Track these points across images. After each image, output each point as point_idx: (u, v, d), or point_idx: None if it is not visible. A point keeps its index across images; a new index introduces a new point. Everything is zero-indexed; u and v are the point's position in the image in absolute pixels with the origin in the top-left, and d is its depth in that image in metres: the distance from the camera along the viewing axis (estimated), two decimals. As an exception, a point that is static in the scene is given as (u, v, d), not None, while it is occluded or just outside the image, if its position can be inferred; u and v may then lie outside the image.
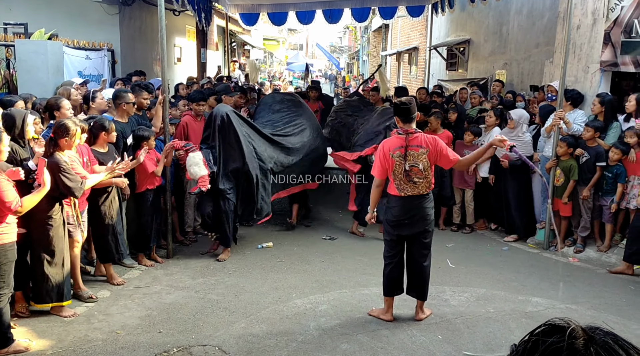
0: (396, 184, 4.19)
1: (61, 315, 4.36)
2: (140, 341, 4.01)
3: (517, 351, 0.94)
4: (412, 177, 4.13)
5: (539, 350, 0.90)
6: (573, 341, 0.87)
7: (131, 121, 5.55)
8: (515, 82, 9.44)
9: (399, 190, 4.19)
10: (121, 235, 5.11)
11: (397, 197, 4.22)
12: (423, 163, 4.11)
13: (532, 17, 9.01)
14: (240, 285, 5.15)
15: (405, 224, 4.23)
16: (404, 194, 4.18)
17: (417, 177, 4.13)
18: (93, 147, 4.94)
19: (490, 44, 10.86)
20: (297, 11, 11.11)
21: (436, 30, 13.72)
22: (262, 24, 12.61)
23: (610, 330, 0.90)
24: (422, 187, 4.18)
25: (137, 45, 10.53)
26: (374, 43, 26.31)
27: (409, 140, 4.12)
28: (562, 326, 0.91)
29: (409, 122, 4.16)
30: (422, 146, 4.13)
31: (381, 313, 4.42)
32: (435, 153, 4.13)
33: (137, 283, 5.15)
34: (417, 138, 4.15)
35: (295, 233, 6.91)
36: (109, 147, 5.07)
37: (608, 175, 5.96)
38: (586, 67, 6.72)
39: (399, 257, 4.36)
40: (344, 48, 44.04)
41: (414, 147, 4.12)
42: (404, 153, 4.11)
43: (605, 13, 6.44)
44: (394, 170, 4.16)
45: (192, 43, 14.85)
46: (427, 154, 4.11)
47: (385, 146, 4.23)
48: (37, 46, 6.82)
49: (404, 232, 4.26)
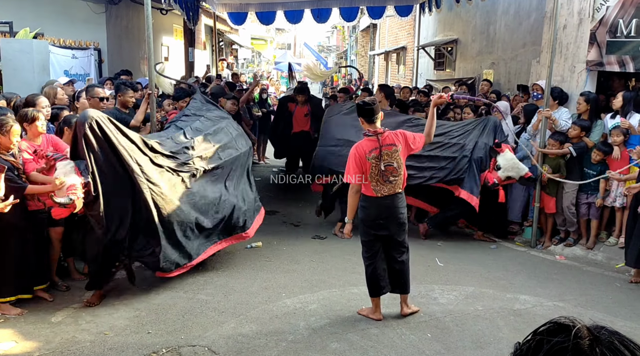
0: (373, 185, 4.21)
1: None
2: (129, 342, 3.98)
3: (522, 350, 0.93)
4: (387, 176, 4.18)
5: (544, 350, 0.88)
6: (578, 341, 0.86)
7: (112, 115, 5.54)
8: (503, 82, 9.51)
9: (375, 191, 4.21)
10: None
11: (373, 197, 4.25)
12: (397, 160, 4.20)
13: (519, 17, 9.09)
14: (229, 284, 5.13)
15: (381, 224, 4.27)
16: (380, 195, 4.22)
17: (393, 175, 4.20)
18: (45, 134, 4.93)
19: (477, 43, 10.93)
20: (285, 10, 11.10)
21: (424, 30, 13.77)
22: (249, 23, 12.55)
23: (615, 330, 0.89)
24: (398, 185, 4.24)
25: (124, 44, 10.45)
26: (362, 42, 26.35)
27: (381, 140, 4.17)
28: (567, 326, 0.90)
29: (373, 122, 4.20)
30: (394, 144, 4.21)
31: (370, 313, 4.43)
32: (405, 146, 4.23)
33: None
34: (388, 137, 4.22)
35: (284, 233, 6.90)
36: None
37: (590, 173, 6.04)
38: (572, 66, 6.79)
39: (379, 257, 4.37)
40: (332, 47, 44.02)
41: (387, 146, 4.19)
42: (379, 154, 4.15)
43: (590, 13, 6.51)
44: (371, 173, 4.18)
45: (180, 42, 14.77)
46: (399, 152, 4.20)
47: (359, 150, 4.22)
48: (23, 45, 6.75)
49: (380, 232, 4.30)
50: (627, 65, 6.31)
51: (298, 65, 36.98)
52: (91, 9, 9.32)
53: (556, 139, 6.20)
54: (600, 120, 6.31)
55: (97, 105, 5.43)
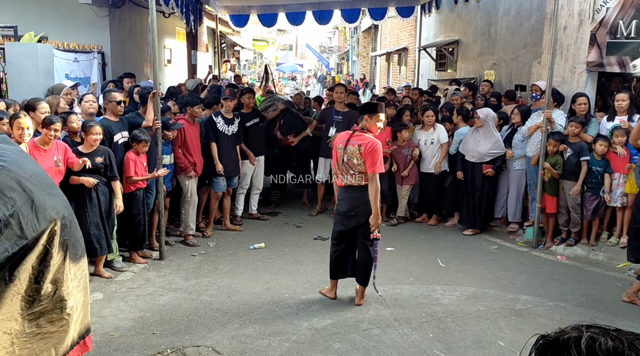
0: (339, 173, 4.61)
1: None
2: (134, 342, 4.04)
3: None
4: (348, 169, 4.51)
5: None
6: None
7: (122, 120, 5.68)
8: (504, 82, 9.54)
9: (341, 179, 4.61)
10: (95, 232, 5.12)
11: (341, 187, 4.66)
12: (357, 158, 4.44)
13: (520, 18, 9.12)
14: (232, 286, 5.18)
15: (352, 216, 4.60)
16: (345, 183, 4.58)
17: (352, 170, 4.49)
18: (79, 148, 5.07)
19: (479, 44, 10.96)
20: (287, 12, 11.14)
21: (425, 31, 13.81)
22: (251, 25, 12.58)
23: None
24: (358, 179, 4.51)
25: (127, 47, 10.51)
26: (363, 43, 26.39)
27: (351, 136, 4.51)
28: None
29: (361, 121, 4.58)
30: (359, 144, 4.43)
31: (327, 292, 4.92)
32: (365, 155, 4.42)
33: (130, 285, 5.16)
34: (358, 136, 4.49)
35: (286, 234, 6.95)
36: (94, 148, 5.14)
37: (597, 169, 6.08)
38: (573, 67, 6.82)
39: (345, 245, 4.76)
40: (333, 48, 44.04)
41: (352, 143, 4.48)
42: (344, 146, 4.51)
43: (591, 14, 6.54)
44: (337, 161, 4.58)
45: (182, 44, 14.83)
46: (360, 152, 4.42)
47: (337, 139, 4.69)
48: (27, 49, 6.79)
49: (351, 223, 4.63)
50: (627, 66, 6.34)
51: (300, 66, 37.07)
52: (95, 12, 9.37)
53: (556, 139, 6.25)
54: (593, 118, 6.39)
55: (115, 109, 5.56)
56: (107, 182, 5.25)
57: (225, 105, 6.79)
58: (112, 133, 5.49)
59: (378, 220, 4.48)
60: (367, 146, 4.40)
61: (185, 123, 6.36)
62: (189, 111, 6.45)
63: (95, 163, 5.11)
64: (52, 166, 4.67)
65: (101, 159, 5.14)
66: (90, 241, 5.08)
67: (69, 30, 9.06)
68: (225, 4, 11.02)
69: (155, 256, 5.95)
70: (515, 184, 6.91)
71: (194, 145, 6.41)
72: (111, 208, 5.29)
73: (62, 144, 4.94)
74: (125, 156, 5.54)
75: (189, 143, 6.35)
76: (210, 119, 6.65)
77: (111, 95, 5.62)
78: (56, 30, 8.66)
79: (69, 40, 8.46)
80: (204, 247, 6.37)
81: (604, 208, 6.19)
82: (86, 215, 5.05)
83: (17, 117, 4.41)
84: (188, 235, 6.48)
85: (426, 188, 7.47)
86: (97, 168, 5.13)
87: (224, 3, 10.95)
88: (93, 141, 5.07)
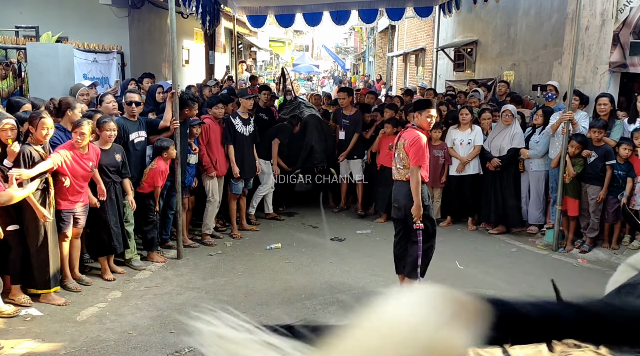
0: (392, 167, 4.81)
1: (50, 302, 4.63)
2: (152, 341, 4.05)
3: None
4: (396, 163, 4.69)
5: None
6: None
7: (140, 120, 5.71)
8: (524, 83, 9.43)
9: (393, 172, 4.79)
10: (115, 230, 5.18)
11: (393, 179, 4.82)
12: (402, 153, 4.60)
13: (540, 18, 9.00)
14: (249, 286, 5.18)
15: (396, 207, 4.75)
16: (394, 177, 4.76)
17: (399, 164, 4.66)
18: (92, 143, 5.08)
19: (498, 44, 10.85)
20: (304, 13, 11.13)
21: (443, 31, 13.70)
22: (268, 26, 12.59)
23: None
24: (402, 174, 4.64)
25: (146, 48, 10.60)
26: (380, 44, 26.28)
27: (402, 132, 4.76)
28: None
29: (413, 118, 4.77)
30: (405, 138, 4.60)
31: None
32: (408, 148, 4.54)
33: (148, 284, 5.19)
34: (408, 132, 4.65)
35: (303, 235, 6.94)
36: (112, 146, 5.18)
37: (620, 173, 5.97)
38: (595, 68, 6.72)
39: (400, 236, 4.85)
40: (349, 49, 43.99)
41: (402, 138, 4.68)
42: (396, 142, 4.74)
43: (614, 14, 6.43)
44: (393, 156, 4.79)
45: (200, 45, 14.90)
46: (404, 146, 4.57)
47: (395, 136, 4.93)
48: (48, 49, 6.87)
49: (398, 214, 4.74)
50: (651, 67, 6.22)
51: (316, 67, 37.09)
52: (114, 13, 9.46)
53: (579, 141, 6.15)
54: (618, 120, 6.25)
55: (127, 110, 5.61)
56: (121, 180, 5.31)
57: (243, 105, 6.71)
58: (127, 132, 5.52)
59: (420, 211, 4.50)
60: (411, 140, 4.52)
61: (210, 121, 6.41)
62: (210, 112, 6.51)
63: (116, 161, 5.16)
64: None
65: (120, 157, 5.20)
66: (111, 239, 5.14)
67: (89, 30, 9.15)
68: (243, 5, 11.04)
69: (172, 255, 5.97)
70: (534, 186, 6.82)
71: (217, 145, 6.46)
72: (126, 206, 5.35)
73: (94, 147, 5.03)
74: (155, 165, 5.58)
75: (212, 142, 6.40)
76: (228, 121, 6.60)
77: (126, 95, 5.66)
78: (76, 31, 8.77)
79: (89, 40, 8.54)
80: (221, 246, 6.38)
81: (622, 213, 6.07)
82: (107, 214, 5.10)
83: (42, 117, 4.44)
84: (206, 235, 6.51)
85: (458, 190, 7.25)
86: (117, 167, 5.18)
87: (241, 4, 10.98)
88: (108, 137, 5.08)
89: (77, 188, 4.81)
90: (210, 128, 6.40)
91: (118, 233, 5.22)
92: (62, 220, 4.76)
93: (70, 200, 4.80)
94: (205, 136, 6.36)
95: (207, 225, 6.53)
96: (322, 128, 7.86)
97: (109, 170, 5.13)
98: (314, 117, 8.03)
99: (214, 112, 6.48)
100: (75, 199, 4.84)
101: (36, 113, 4.55)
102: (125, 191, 5.33)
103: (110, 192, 5.14)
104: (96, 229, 5.19)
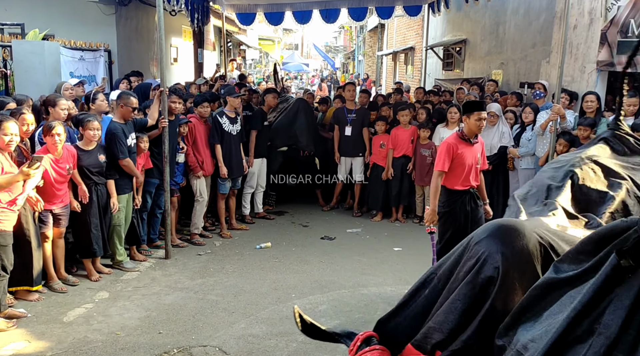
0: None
1: (27, 299, 4.60)
2: (140, 342, 4.01)
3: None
4: None
5: None
6: None
7: (129, 123, 5.50)
8: (512, 82, 9.47)
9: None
10: (95, 233, 5.10)
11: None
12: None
13: (529, 17, 9.04)
14: (239, 285, 5.15)
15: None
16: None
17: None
18: (78, 144, 5.01)
19: (486, 43, 10.88)
20: (293, 11, 11.09)
21: (432, 30, 13.73)
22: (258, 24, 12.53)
23: None
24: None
25: (133, 46, 10.50)
26: (369, 43, 26.31)
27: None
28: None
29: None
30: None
31: None
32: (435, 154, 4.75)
33: (136, 284, 5.14)
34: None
35: (293, 234, 6.91)
36: (95, 146, 5.10)
37: None
38: (583, 66, 6.75)
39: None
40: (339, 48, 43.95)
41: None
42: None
43: (602, 13, 6.47)
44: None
45: (189, 43, 14.80)
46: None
47: None
48: (34, 46, 6.79)
49: None
50: (638, 66, 6.26)
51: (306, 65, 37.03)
52: (101, 10, 9.36)
53: (566, 139, 6.18)
54: (604, 118, 6.29)
55: (129, 115, 5.39)
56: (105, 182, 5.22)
57: (230, 104, 6.63)
58: (126, 136, 5.32)
59: (432, 216, 4.56)
60: (440, 146, 4.69)
61: (196, 121, 6.35)
62: (195, 111, 6.45)
63: (99, 161, 5.07)
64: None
65: (104, 157, 5.12)
66: (90, 243, 5.07)
67: (75, 28, 9.05)
68: (232, 2, 10.98)
69: (160, 254, 5.92)
70: (524, 183, 6.86)
71: (203, 144, 6.41)
72: (108, 208, 5.23)
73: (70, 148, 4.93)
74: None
75: (199, 142, 6.34)
76: (215, 120, 6.51)
77: (130, 100, 5.36)
78: (63, 28, 8.66)
79: (76, 38, 8.45)
80: (210, 246, 6.34)
81: None
82: (87, 217, 5.03)
83: (22, 113, 4.38)
84: (194, 234, 6.46)
85: None
86: (100, 168, 5.10)
87: (231, 1, 10.92)
88: (91, 136, 4.99)
89: (55, 191, 4.73)
90: (195, 128, 6.34)
91: (98, 237, 5.12)
92: (41, 220, 4.68)
93: (48, 202, 4.69)
94: (191, 136, 6.31)
95: (195, 224, 6.48)
96: (310, 114, 7.95)
97: (91, 172, 5.03)
98: (303, 101, 8.19)
99: (199, 111, 6.42)
100: (54, 201, 4.75)
101: (16, 109, 4.47)
102: (110, 192, 5.23)
103: (91, 194, 5.04)
104: (77, 231, 5.12)
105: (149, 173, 5.83)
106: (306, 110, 7.85)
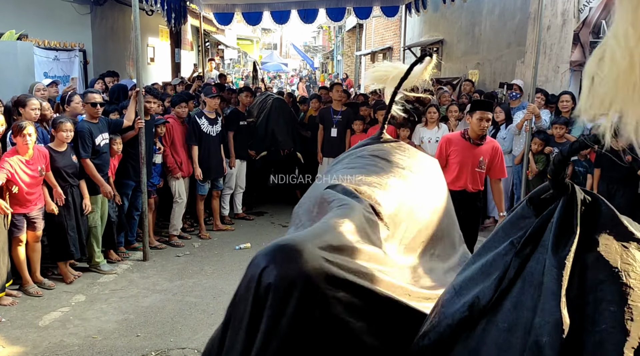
0: None
1: (1, 304, 4.54)
2: (117, 345, 3.97)
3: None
4: None
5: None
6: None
7: (101, 121, 5.43)
8: (488, 82, 9.60)
9: None
10: (72, 235, 5.04)
11: None
12: None
13: (504, 18, 9.17)
14: (218, 287, 5.12)
15: None
16: None
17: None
18: (50, 145, 4.94)
19: (463, 44, 11.01)
20: (271, 11, 11.08)
21: (410, 31, 13.84)
22: (236, 24, 12.48)
23: None
24: None
25: (109, 46, 10.38)
26: (348, 43, 26.39)
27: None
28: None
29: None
30: None
31: None
32: None
33: (113, 287, 5.08)
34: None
35: (272, 234, 6.89)
36: (67, 147, 5.04)
37: (580, 170, 6.13)
38: (556, 66, 6.88)
39: None
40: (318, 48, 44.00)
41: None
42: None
43: (574, 14, 6.60)
44: None
45: (166, 43, 14.68)
46: None
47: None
48: (7, 47, 6.65)
49: None
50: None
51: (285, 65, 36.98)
52: (76, 10, 9.23)
53: (541, 138, 6.29)
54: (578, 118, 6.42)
55: (92, 111, 5.31)
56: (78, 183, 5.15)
57: (209, 104, 6.58)
58: (93, 136, 5.25)
59: None
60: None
61: (173, 121, 6.30)
62: (172, 111, 6.41)
63: (73, 162, 5.01)
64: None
65: (75, 158, 5.06)
66: (67, 245, 5.00)
67: (49, 28, 8.90)
68: (209, 2, 10.92)
69: (138, 256, 5.87)
70: None
71: (181, 145, 6.36)
72: (82, 210, 5.17)
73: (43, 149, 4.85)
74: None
75: (177, 142, 6.30)
76: (193, 121, 6.45)
77: (88, 96, 5.31)
78: (37, 28, 8.51)
79: (50, 38, 8.32)
80: (189, 247, 6.30)
81: None
82: (63, 219, 4.96)
83: None
84: (173, 236, 6.41)
85: None
86: (74, 169, 5.03)
87: (208, 1, 10.86)
88: (64, 138, 4.92)
89: (28, 196, 4.64)
90: (173, 129, 6.29)
91: (75, 239, 5.05)
92: (14, 225, 4.60)
93: (22, 206, 4.63)
94: (169, 136, 6.26)
95: (174, 225, 6.43)
96: (287, 113, 7.87)
97: (67, 173, 4.97)
98: (280, 100, 8.02)
99: (177, 111, 6.37)
100: (27, 205, 4.67)
101: None
102: (82, 193, 5.16)
103: (67, 195, 4.97)
104: (53, 234, 5.03)
105: (125, 175, 5.76)
106: (281, 108, 7.78)
